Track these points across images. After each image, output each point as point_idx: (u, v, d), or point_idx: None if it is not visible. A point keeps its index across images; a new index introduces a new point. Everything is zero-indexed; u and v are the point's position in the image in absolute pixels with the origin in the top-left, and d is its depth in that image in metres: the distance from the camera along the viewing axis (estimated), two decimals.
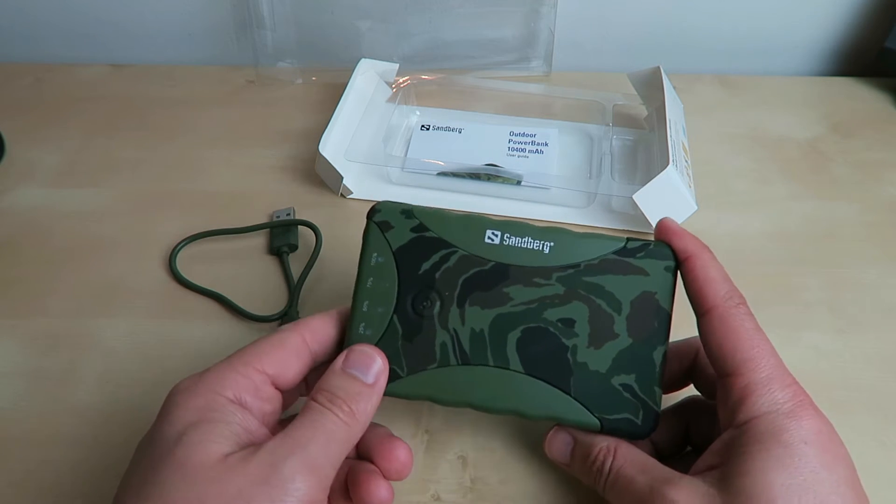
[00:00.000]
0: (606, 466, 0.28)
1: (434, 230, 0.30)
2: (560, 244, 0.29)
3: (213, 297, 0.40)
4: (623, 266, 0.29)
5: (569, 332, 0.29)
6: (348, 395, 0.26)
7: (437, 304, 0.29)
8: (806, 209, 0.46)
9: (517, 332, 0.29)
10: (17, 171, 0.49)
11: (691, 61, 0.61)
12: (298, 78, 0.57)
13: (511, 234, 0.30)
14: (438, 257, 0.30)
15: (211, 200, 0.46)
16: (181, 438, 0.24)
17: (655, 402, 0.28)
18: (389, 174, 0.47)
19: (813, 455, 0.24)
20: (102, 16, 0.59)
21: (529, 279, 0.29)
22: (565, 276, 0.29)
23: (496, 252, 0.29)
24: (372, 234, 0.30)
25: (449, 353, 0.29)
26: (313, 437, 0.25)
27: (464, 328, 0.29)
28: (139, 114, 0.54)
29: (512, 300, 0.29)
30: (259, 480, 0.23)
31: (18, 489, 0.32)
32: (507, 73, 0.58)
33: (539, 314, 0.29)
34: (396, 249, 0.30)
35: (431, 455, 0.33)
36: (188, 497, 0.23)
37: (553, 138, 0.51)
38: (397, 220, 0.30)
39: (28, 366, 0.37)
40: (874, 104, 0.55)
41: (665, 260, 0.29)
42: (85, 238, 0.44)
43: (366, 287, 0.29)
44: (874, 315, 0.40)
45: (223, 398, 0.26)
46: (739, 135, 0.52)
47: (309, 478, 0.24)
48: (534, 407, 0.29)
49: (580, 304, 0.29)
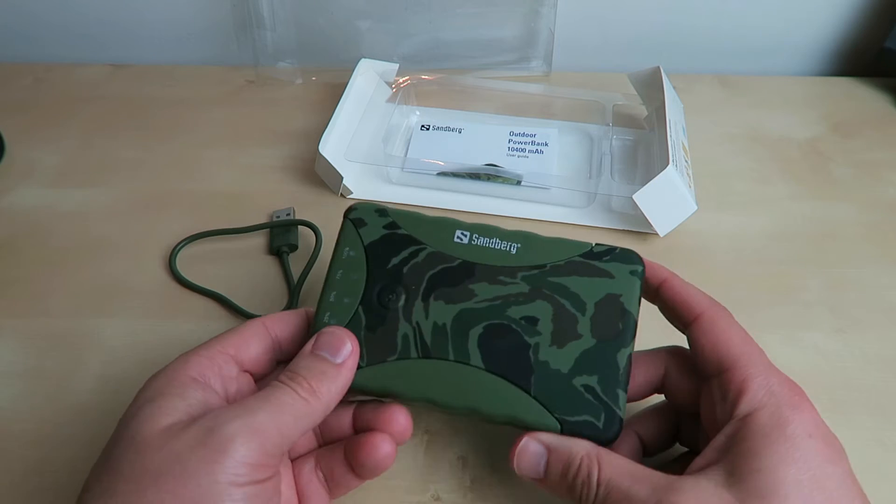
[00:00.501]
0: (594, 479, 0.26)
1: (405, 228, 0.31)
2: (527, 246, 0.30)
3: (212, 297, 0.40)
4: (589, 268, 0.30)
5: (531, 331, 0.29)
6: (311, 373, 0.27)
7: (403, 297, 0.30)
8: (806, 209, 0.46)
9: (479, 328, 0.29)
10: (17, 171, 0.49)
11: (691, 61, 0.61)
12: (298, 78, 0.57)
13: (479, 234, 0.31)
14: (407, 253, 0.30)
15: (211, 200, 0.46)
16: (136, 414, 0.25)
17: (618, 406, 0.28)
18: (389, 174, 0.47)
19: (817, 449, 0.24)
20: (102, 16, 0.59)
21: (495, 277, 0.30)
22: (530, 276, 0.30)
23: (464, 251, 0.30)
24: (346, 230, 0.31)
25: (410, 345, 0.29)
26: (262, 406, 0.25)
27: (427, 321, 0.29)
28: (139, 114, 0.54)
29: (476, 296, 0.29)
30: (198, 443, 0.23)
31: (18, 489, 0.32)
32: (507, 73, 0.58)
33: (503, 311, 0.29)
34: (368, 244, 0.31)
35: (431, 455, 0.33)
36: (132, 465, 0.23)
37: (553, 138, 0.51)
38: (371, 218, 0.31)
39: (28, 366, 0.37)
40: (874, 104, 0.55)
41: (631, 264, 0.30)
42: (85, 238, 0.44)
43: (335, 279, 0.30)
44: (874, 315, 0.40)
45: (186, 376, 0.26)
46: (739, 135, 0.52)
47: (251, 440, 0.23)
48: (492, 405, 0.28)
49: (544, 302, 0.29)
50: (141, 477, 0.23)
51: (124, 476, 0.23)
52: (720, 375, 0.27)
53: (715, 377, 0.27)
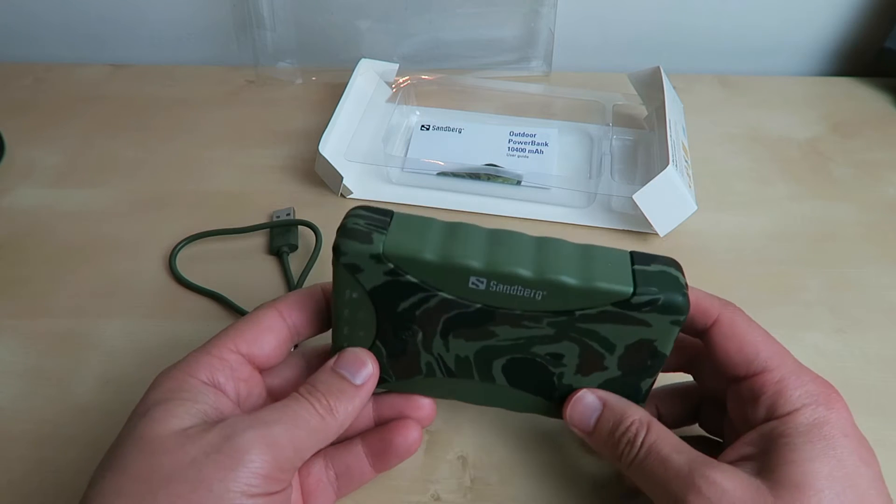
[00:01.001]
0: (639, 440, 0.26)
1: (412, 275, 0.26)
2: (554, 293, 0.26)
3: (213, 297, 0.40)
4: (623, 318, 0.26)
5: (556, 363, 0.28)
6: (330, 390, 0.27)
7: (420, 334, 0.28)
8: (806, 209, 0.46)
9: (503, 360, 0.29)
10: (17, 171, 0.49)
11: (691, 61, 0.61)
12: (298, 78, 0.57)
13: (498, 281, 0.26)
14: (417, 299, 0.27)
15: (211, 200, 0.46)
16: (145, 414, 0.24)
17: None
18: (389, 174, 0.47)
19: (852, 448, 0.25)
20: (102, 16, 0.59)
21: (518, 322, 0.27)
22: (557, 322, 0.27)
23: (481, 296, 0.26)
24: (341, 275, 0.27)
25: (435, 369, 0.29)
26: (279, 419, 0.25)
27: (448, 354, 0.29)
28: (139, 114, 0.54)
29: (498, 336, 0.28)
30: (213, 449, 0.23)
31: (18, 489, 0.32)
32: (506, 73, 0.58)
33: (527, 348, 0.28)
34: (371, 289, 0.27)
35: (431, 455, 0.33)
36: (142, 466, 0.23)
37: (553, 138, 0.51)
38: (367, 265, 0.26)
39: (28, 366, 0.37)
40: (874, 104, 0.55)
41: (674, 315, 0.26)
42: (85, 238, 0.44)
43: (343, 316, 0.28)
44: (874, 315, 0.40)
45: (196, 380, 0.26)
46: (739, 135, 0.52)
47: (266, 452, 0.23)
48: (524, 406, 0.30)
49: (571, 343, 0.27)
50: (151, 478, 0.23)
51: (134, 476, 0.23)
52: (751, 379, 0.27)
53: (744, 380, 0.27)
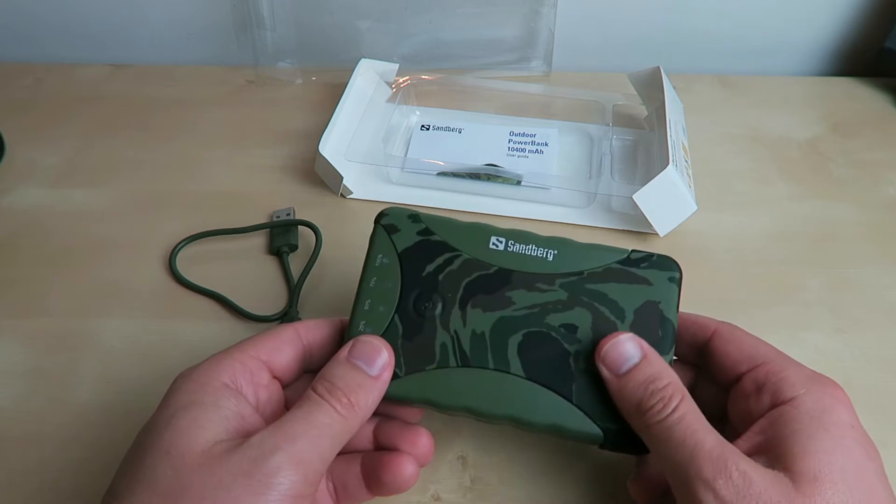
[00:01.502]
0: (672, 404, 0.25)
1: (439, 234, 0.30)
2: (563, 252, 0.30)
3: (212, 297, 0.40)
4: (626, 275, 0.29)
5: (571, 338, 0.29)
6: (348, 386, 0.26)
7: (439, 304, 0.29)
8: (806, 209, 0.46)
9: (518, 335, 0.29)
10: (17, 171, 0.49)
11: (691, 61, 0.61)
12: (298, 78, 0.57)
13: (515, 241, 0.30)
14: (442, 260, 0.30)
15: (211, 200, 0.46)
16: (170, 423, 0.24)
17: None
18: (389, 174, 0.47)
19: (858, 440, 0.25)
20: (102, 16, 0.59)
21: (532, 284, 0.29)
22: (568, 283, 0.29)
23: (500, 258, 0.30)
24: (378, 237, 0.31)
25: (448, 353, 0.29)
26: (304, 432, 0.24)
27: (465, 329, 0.29)
28: (139, 114, 0.54)
29: (514, 304, 0.29)
30: (242, 472, 0.23)
31: (18, 489, 0.32)
32: (506, 73, 0.58)
33: (541, 319, 0.29)
34: (402, 251, 0.30)
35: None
36: (172, 484, 0.23)
37: (553, 138, 0.51)
38: (404, 224, 0.31)
39: (28, 366, 0.37)
40: (874, 104, 0.55)
41: (669, 271, 0.30)
42: (85, 238, 0.44)
43: (369, 286, 0.30)
44: (874, 315, 0.40)
45: (218, 382, 0.26)
46: (739, 135, 0.52)
47: (294, 473, 0.23)
48: (533, 413, 0.28)
49: (583, 310, 0.29)
50: (180, 497, 0.23)
51: (161, 492, 0.23)
52: (753, 370, 0.27)
53: (746, 374, 0.28)
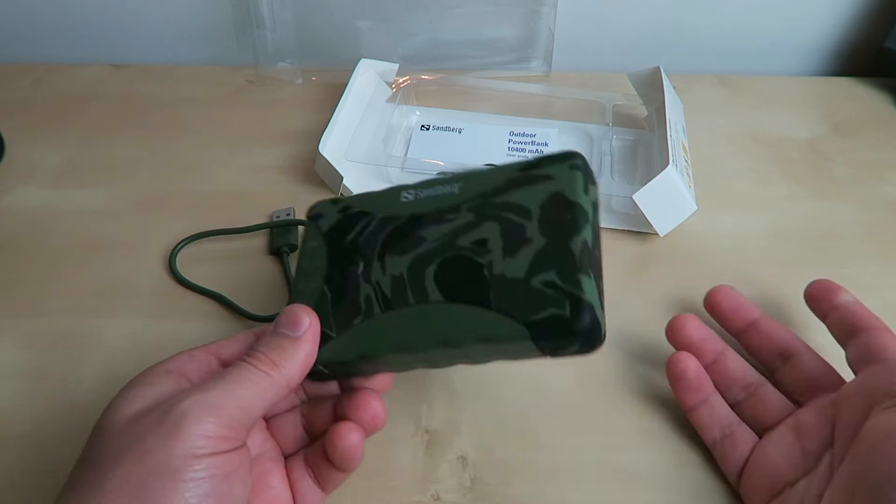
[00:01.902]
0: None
1: (356, 206, 0.33)
2: (468, 181, 0.31)
3: (213, 297, 0.40)
4: (527, 179, 0.30)
5: (482, 252, 0.29)
6: (270, 347, 0.27)
7: (361, 263, 0.31)
8: (806, 209, 0.46)
9: (433, 266, 0.29)
10: (17, 171, 0.49)
11: (691, 61, 0.61)
12: (298, 78, 0.57)
13: (423, 188, 0.32)
14: (360, 226, 0.32)
15: (211, 200, 0.46)
16: (109, 405, 0.26)
17: (582, 290, 0.26)
18: (389, 174, 0.47)
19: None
20: (102, 16, 0.59)
21: (442, 218, 0.30)
22: (474, 205, 0.30)
23: (411, 207, 0.31)
24: (308, 228, 0.34)
25: (372, 303, 0.29)
26: (217, 384, 0.26)
27: (384, 277, 0.30)
28: (139, 114, 0.54)
29: (426, 240, 0.30)
30: (155, 421, 0.24)
31: (18, 489, 0.32)
32: (506, 73, 0.58)
33: (452, 243, 0.29)
34: (326, 231, 0.33)
35: (431, 455, 0.33)
36: (100, 451, 0.24)
37: (553, 138, 0.51)
38: (327, 209, 0.34)
39: (28, 366, 0.37)
40: (874, 104, 0.55)
41: (569, 160, 0.30)
42: (85, 238, 0.44)
43: (302, 270, 0.32)
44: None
45: (162, 369, 0.27)
46: (739, 135, 0.52)
47: (205, 414, 0.24)
48: (458, 331, 0.27)
49: (491, 222, 0.29)
50: (104, 462, 0.24)
51: (90, 464, 0.24)
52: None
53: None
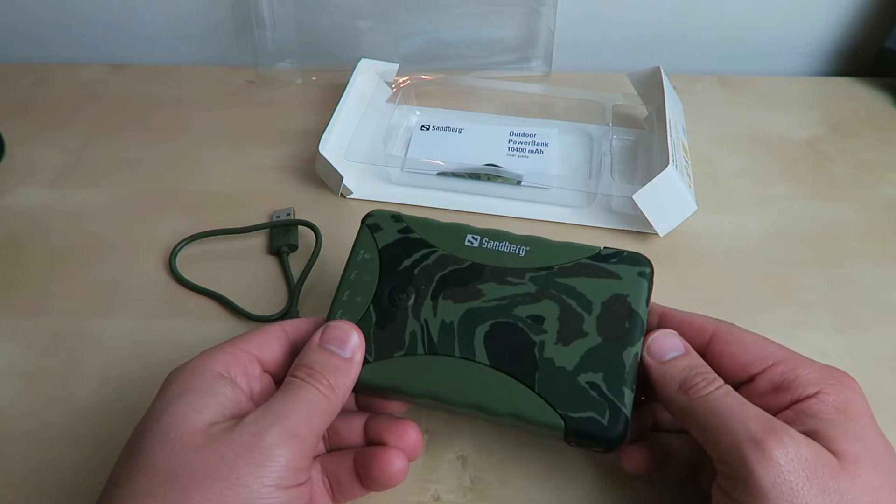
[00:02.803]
0: (717, 382, 0.27)
1: (418, 232, 0.32)
2: (536, 249, 0.31)
3: (213, 297, 0.40)
4: (596, 270, 0.30)
5: (537, 329, 0.29)
6: (326, 369, 0.27)
7: (413, 296, 0.31)
8: (806, 209, 0.46)
9: (486, 325, 0.29)
10: (17, 171, 0.49)
11: (691, 61, 0.61)
12: (298, 78, 0.57)
13: (490, 238, 0.32)
14: (419, 255, 0.32)
15: (211, 200, 0.46)
16: (167, 409, 0.25)
17: (623, 404, 0.27)
18: (389, 174, 0.47)
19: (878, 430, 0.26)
20: (102, 16, 0.59)
21: (503, 278, 0.30)
22: (538, 277, 0.30)
23: (474, 253, 0.31)
24: (363, 235, 0.33)
25: (417, 341, 0.29)
26: (294, 409, 0.25)
27: (434, 319, 0.30)
28: (139, 114, 0.54)
29: (484, 296, 0.30)
30: (243, 447, 0.24)
31: (18, 489, 0.32)
32: (506, 73, 0.58)
33: (509, 310, 0.30)
34: (382, 247, 0.32)
35: (431, 455, 0.33)
36: (171, 465, 0.23)
37: (553, 138, 0.51)
38: (386, 223, 0.33)
39: (28, 366, 0.37)
40: (874, 104, 0.55)
41: (640, 266, 0.30)
42: (85, 238, 0.44)
43: (349, 279, 0.32)
44: (874, 315, 0.40)
45: (213, 371, 0.27)
46: (739, 135, 0.52)
47: (291, 446, 0.24)
48: (495, 401, 0.28)
49: (551, 302, 0.30)
50: (183, 477, 0.23)
51: (165, 476, 0.23)
52: (766, 371, 0.28)
53: (759, 374, 0.28)
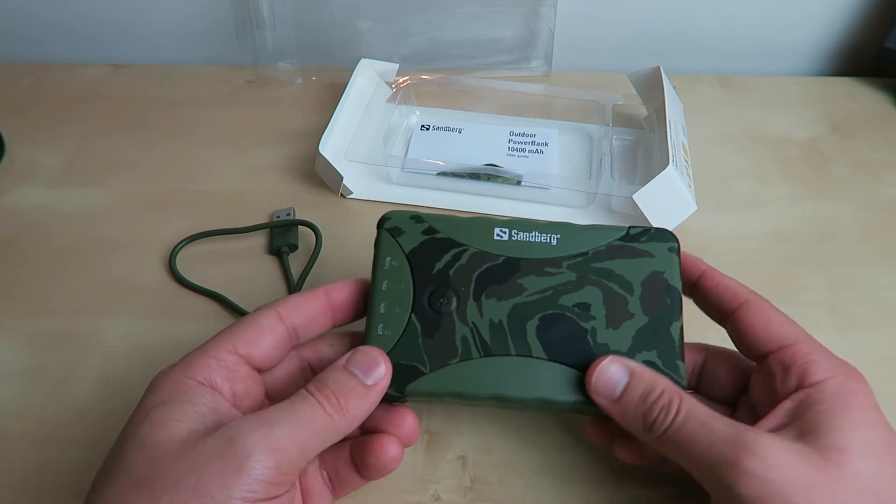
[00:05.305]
0: (674, 407, 0.26)
1: (444, 232, 0.31)
2: (566, 235, 0.31)
3: (213, 297, 0.40)
4: (629, 250, 0.31)
5: (586, 316, 0.29)
6: (340, 389, 0.26)
7: (454, 300, 0.30)
8: (806, 209, 0.46)
9: (535, 320, 0.29)
10: (17, 171, 0.49)
11: (691, 61, 0.61)
12: (298, 78, 0.57)
13: (518, 229, 0.31)
14: (450, 256, 0.31)
15: (211, 200, 0.46)
16: (146, 418, 0.24)
17: (680, 377, 0.28)
18: (389, 174, 0.47)
19: (882, 421, 0.26)
20: (102, 16, 0.59)
21: (541, 269, 0.30)
22: (575, 264, 0.30)
23: (506, 247, 0.31)
24: (384, 240, 0.31)
25: (470, 345, 0.29)
26: (284, 420, 0.24)
27: (482, 320, 0.29)
28: (139, 114, 0.54)
29: (526, 290, 0.30)
30: (215, 455, 0.23)
31: (18, 489, 0.32)
32: (507, 73, 0.58)
33: (555, 301, 0.30)
34: (409, 252, 0.31)
35: (431, 455, 0.33)
36: (147, 472, 0.23)
37: (553, 138, 0.51)
38: (407, 226, 0.31)
39: (28, 366, 0.37)
40: (874, 104, 0.55)
41: (668, 242, 0.31)
42: (85, 238, 0.44)
43: (381, 290, 0.30)
44: (874, 315, 0.40)
45: (192, 381, 0.26)
46: (739, 135, 0.52)
47: (268, 458, 0.23)
48: (561, 393, 0.28)
49: (593, 288, 0.30)
50: (155, 484, 0.22)
51: (138, 482, 0.23)
52: (780, 351, 0.28)
53: (773, 353, 0.28)
